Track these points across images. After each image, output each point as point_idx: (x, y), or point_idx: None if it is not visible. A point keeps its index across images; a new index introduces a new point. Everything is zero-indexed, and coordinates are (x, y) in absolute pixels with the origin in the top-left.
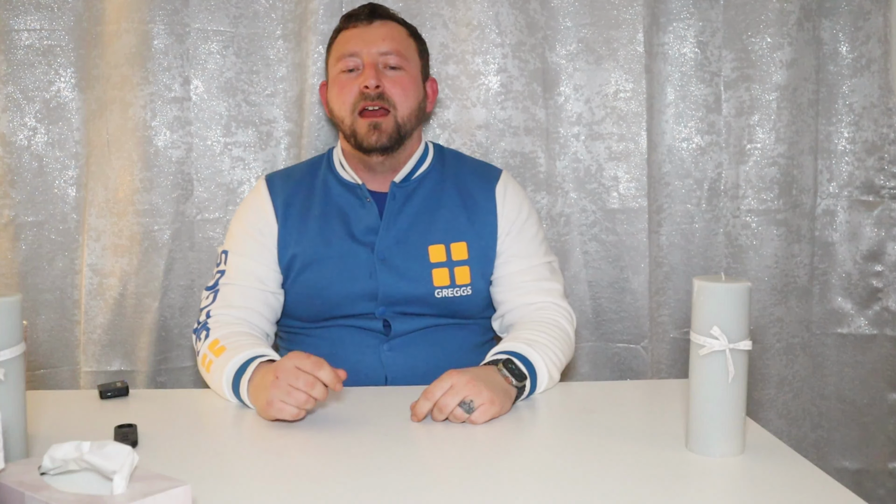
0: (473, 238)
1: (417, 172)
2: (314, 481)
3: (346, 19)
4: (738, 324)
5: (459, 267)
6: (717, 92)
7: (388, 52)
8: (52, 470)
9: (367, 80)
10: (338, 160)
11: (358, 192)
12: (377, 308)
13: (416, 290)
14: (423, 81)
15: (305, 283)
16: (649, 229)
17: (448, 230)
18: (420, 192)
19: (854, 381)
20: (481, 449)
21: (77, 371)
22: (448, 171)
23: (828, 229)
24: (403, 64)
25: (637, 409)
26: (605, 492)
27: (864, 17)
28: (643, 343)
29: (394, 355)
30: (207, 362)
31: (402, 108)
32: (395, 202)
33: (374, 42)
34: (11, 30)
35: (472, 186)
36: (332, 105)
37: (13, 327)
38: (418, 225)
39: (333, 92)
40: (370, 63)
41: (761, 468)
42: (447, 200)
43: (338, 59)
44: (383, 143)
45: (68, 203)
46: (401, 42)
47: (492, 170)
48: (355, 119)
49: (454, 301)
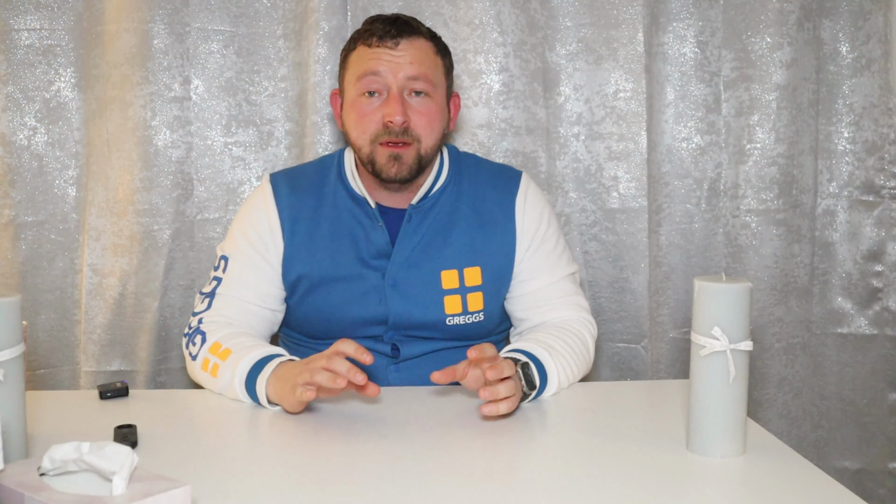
0: (489, 261)
1: (434, 189)
2: (314, 481)
3: (369, 34)
4: (739, 324)
5: (472, 293)
6: (716, 92)
7: (415, 77)
8: (51, 471)
9: (393, 114)
10: (350, 171)
11: (369, 211)
12: (386, 333)
13: (426, 316)
14: (447, 101)
15: (312, 304)
16: (649, 229)
17: (462, 254)
18: (435, 212)
19: (854, 381)
20: (482, 450)
21: (77, 371)
22: (465, 185)
23: (828, 229)
24: (430, 90)
25: (637, 410)
26: (605, 492)
27: (864, 17)
28: (643, 343)
29: (401, 377)
30: (212, 366)
31: (427, 141)
32: (409, 224)
33: (402, 66)
34: (11, 29)
35: (490, 200)
36: (349, 128)
37: (13, 327)
38: (431, 249)
39: (352, 116)
40: (396, 93)
41: (762, 469)
42: (462, 221)
43: (358, 77)
44: (403, 176)
45: (68, 203)
46: (429, 65)
47: (511, 178)
48: (375, 148)
49: (465, 327)
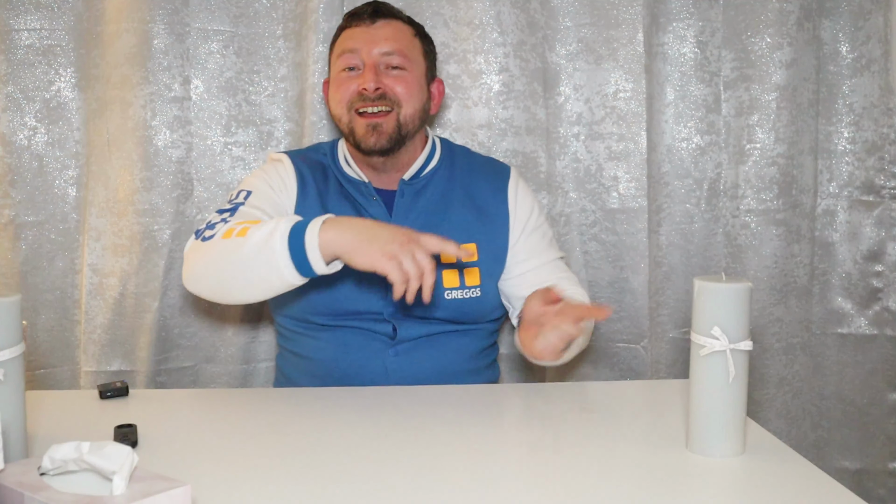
0: (483, 240)
1: (426, 170)
2: (314, 481)
3: (350, 17)
4: (739, 324)
5: (469, 268)
6: (716, 92)
7: (390, 52)
8: (51, 470)
9: (366, 81)
10: (343, 156)
11: (363, 190)
12: (386, 308)
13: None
14: (427, 83)
15: (313, 281)
16: (649, 229)
17: (458, 231)
18: (429, 191)
19: (854, 381)
20: (481, 448)
21: (77, 371)
22: (457, 170)
23: (828, 229)
24: (406, 64)
25: (637, 410)
26: (605, 493)
27: (864, 17)
28: (643, 343)
29: (398, 360)
30: (240, 230)
31: (406, 108)
32: (403, 200)
33: (377, 42)
34: (11, 29)
35: (483, 187)
36: (332, 104)
37: (13, 327)
38: (428, 225)
39: (334, 95)
40: (371, 64)
41: (762, 469)
42: (456, 201)
43: (338, 55)
44: (382, 145)
45: (68, 203)
46: (404, 42)
47: (501, 169)
48: (353, 117)
49: (463, 303)
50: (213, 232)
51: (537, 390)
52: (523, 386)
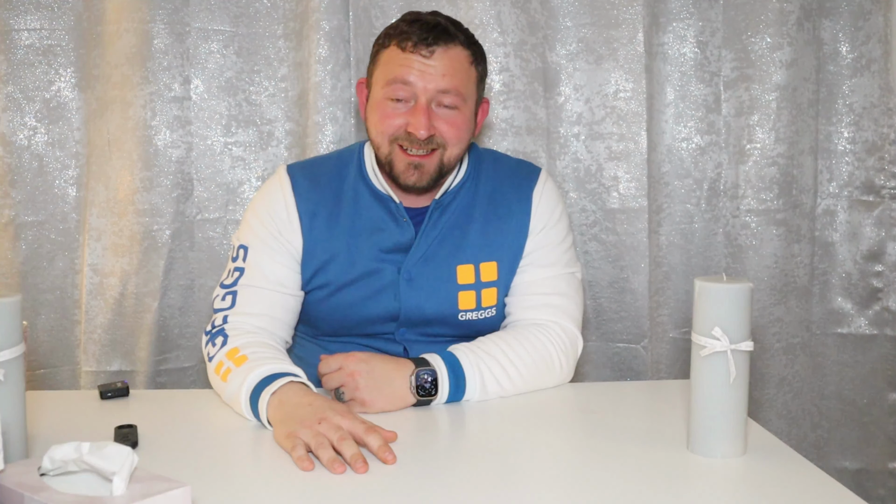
0: (504, 254)
1: (453, 185)
2: (314, 482)
3: (405, 37)
4: (740, 324)
5: (487, 289)
6: (716, 92)
7: (445, 90)
8: (51, 471)
9: (418, 127)
10: (370, 167)
11: (392, 208)
12: (398, 329)
13: (438, 310)
14: (475, 112)
15: (326, 302)
16: (649, 229)
17: (479, 249)
18: (453, 207)
19: (854, 381)
20: (481, 449)
21: (77, 371)
22: (483, 178)
23: (828, 229)
24: (459, 104)
25: (638, 410)
26: (605, 493)
27: (864, 17)
28: (643, 343)
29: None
30: (224, 370)
31: (452, 150)
32: (430, 220)
33: (433, 78)
34: (11, 30)
35: (508, 192)
36: (370, 126)
37: (13, 327)
38: (447, 243)
39: (375, 116)
40: (424, 104)
41: (762, 469)
42: (479, 215)
43: (387, 81)
44: (422, 185)
45: (68, 203)
46: (461, 77)
47: (531, 171)
48: (394, 150)
49: (477, 322)
50: (214, 352)
51: (537, 391)
52: None
